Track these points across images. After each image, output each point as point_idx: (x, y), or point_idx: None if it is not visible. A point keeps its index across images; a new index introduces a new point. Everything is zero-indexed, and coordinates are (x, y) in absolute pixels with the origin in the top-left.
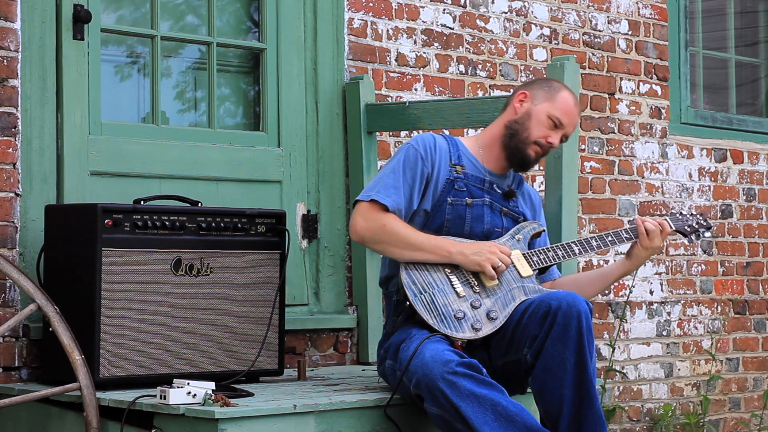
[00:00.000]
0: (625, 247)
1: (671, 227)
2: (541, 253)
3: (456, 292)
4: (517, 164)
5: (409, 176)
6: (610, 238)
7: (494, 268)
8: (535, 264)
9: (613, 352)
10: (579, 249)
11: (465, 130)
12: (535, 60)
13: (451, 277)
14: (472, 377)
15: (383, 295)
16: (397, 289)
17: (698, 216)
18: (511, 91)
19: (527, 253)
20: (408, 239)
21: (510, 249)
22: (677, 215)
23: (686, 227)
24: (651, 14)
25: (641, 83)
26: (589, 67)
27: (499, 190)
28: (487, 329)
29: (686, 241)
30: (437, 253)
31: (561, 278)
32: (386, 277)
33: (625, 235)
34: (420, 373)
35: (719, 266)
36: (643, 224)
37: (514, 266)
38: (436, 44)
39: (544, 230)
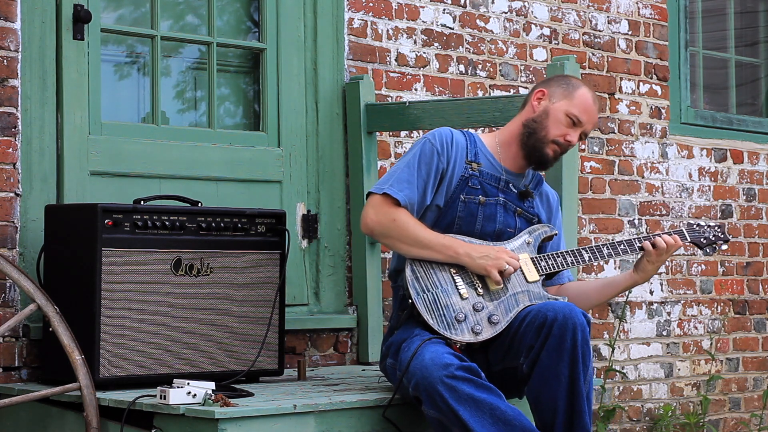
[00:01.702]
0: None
1: (687, 239)
2: (549, 258)
3: (459, 294)
4: (535, 163)
5: (423, 171)
6: (622, 247)
7: (501, 272)
8: (542, 269)
9: (613, 352)
10: (589, 256)
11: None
12: (535, 60)
13: (455, 277)
14: (471, 381)
15: (391, 287)
16: (403, 284)
17: (716, 228)
18: (521, 90)
19: (536, 258)
20: (416, 236)
21: (518, 254)
22: (694, 226)
23: (702, 239)
24: (651, 14)
25: (641, 83)
26: (589, 67)
27: (514, 190)
28: (487, 333)
29: (701, 253)
30: (444, 252)
31: (567, 284)
32: (395, 270)
33: (638, 245)
34: (419, 376)
35: (719, 266)
36: (660, 238)
37: (521, 270)
38: (436, 44)
39: (556, 233)
